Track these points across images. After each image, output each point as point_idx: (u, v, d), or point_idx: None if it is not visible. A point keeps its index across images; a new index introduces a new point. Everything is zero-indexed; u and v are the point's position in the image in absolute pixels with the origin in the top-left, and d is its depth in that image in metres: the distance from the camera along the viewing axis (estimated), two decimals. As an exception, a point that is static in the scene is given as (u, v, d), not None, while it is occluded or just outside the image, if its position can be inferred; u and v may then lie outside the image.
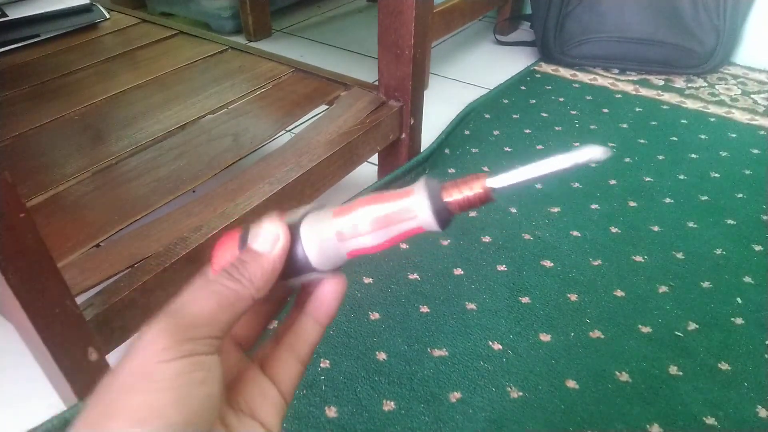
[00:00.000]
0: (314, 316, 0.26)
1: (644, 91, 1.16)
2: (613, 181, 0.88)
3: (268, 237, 0.23)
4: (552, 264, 0.72)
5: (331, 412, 0.55)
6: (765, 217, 0.81)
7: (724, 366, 0.60)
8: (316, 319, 0.26)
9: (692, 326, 0.64)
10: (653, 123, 1.05)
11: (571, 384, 0.58)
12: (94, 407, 0.18)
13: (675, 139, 1.00)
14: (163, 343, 0.19)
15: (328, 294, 0.26)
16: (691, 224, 0.80)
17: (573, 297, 0.68)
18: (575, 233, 0.77)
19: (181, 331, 0.20)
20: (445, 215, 0.23)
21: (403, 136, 0.83)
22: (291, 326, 0.26)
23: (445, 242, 0.76)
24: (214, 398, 0.20)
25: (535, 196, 0.85)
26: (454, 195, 0.23)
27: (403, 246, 0.75)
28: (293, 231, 0.23)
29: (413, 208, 0.23)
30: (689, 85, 1.18)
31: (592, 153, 0.22)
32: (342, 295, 0.26)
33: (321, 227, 0.23)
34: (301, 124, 0.83)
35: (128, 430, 0.17)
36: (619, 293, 0.68)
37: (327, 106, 0.82)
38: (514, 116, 1.06)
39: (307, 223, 0.23)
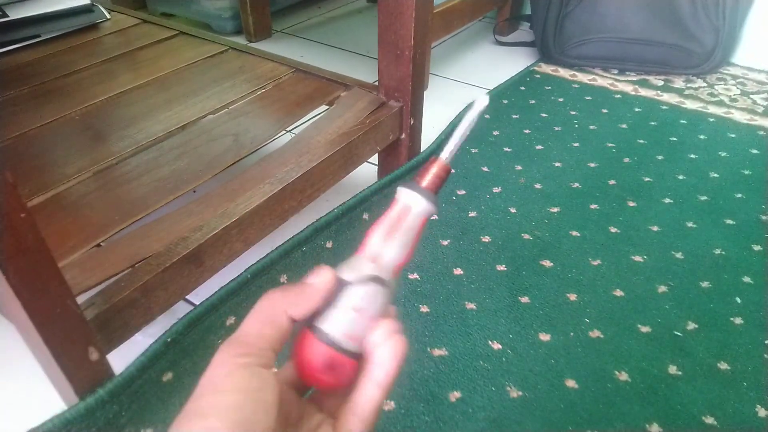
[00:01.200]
0: (374, 379, 0.26)
1: (643, 92, 1.16)
2: (612, 181, 0.89)
3: (318, 274, 0.27)
4: (551, 264, 0.72)
5: (331, 411, 0.55)
6: (764, 217, 0.81)
7: (723, 365, 0.60)
8: (376, 382, 0.26)
9: (691, 326, 0.64)
10: (652, 123, 1.05)
11: (571, 383, 0.58)
12: (182, 412, 0.23)
13: (674, 139, 1.00)
14: (223, 356, 0.23)
15: (386, 356, 0.26)
16: (690, 224, 0.80)
17: (572, 297, 0.68)
18: (575, 233, 0.77)
19: (234, 346, 0.24)
20: (430, 196, 0.28)
21: (403, 136, 0.83)
22: (356, 387, 0.27)
23: (445, 242, 0.76)
24: (269, 405, 0.23)
25: (535, 196, 0.85)
26: (426, 179, 0.28)
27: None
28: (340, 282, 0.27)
29: (407, 205, 0.28)
30: (688, 85, 1.18)
31: (480, 103, 0.29)
32: (402, 357, 0.27)
33: (353, 263, 0.27)
34: (301, 124, 0.83)
35: (194, 423, 0.21)
36: (619, 293, 0.68)
37: (327, 107, 0.82)
38: (514, 116, 1.06)
39: (342, 268, 0.27)
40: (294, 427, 0.26)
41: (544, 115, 1.07)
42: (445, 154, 0.29)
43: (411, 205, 0.28)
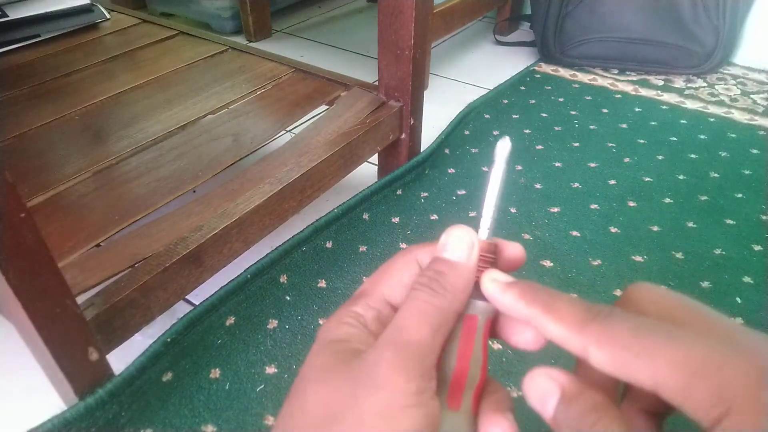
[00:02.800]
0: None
1: (644, 91, 1.16)
2: (612, 181, 0.89)
3: (462, 245, 0.22)
4: (551, 264, 0.72)
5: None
6: (765, 217, 0.81)
7: (723, 366, 0.60)
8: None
9: (692, 326, 0.64)
10: (653, 123, 1.05)
11: (571, 384, 0.58)
12: (332, 425, 0.18)
13: (674, 139, 1.00)
14: (402, 383, 0.18)
15: None
16: (690, 224, 0.80)
17: (573, 296, 0.68)
18: (575, 233, 0.77)
19: (413, 365, 0.19)
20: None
21: (403, 136, 0.83)
22: None
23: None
24: None
25: (535, 196, 0.85)
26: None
27: (403, 246, 0.75)
28: None
29: (471, 315, 0.23)
30: (689, 85, 1.18)
31: (502, 150, 0.25)
32: None
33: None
34: (301, 124, 0.83)
35: None
36: (619, 293, 0.68)
37: (327, 107, 0.82)
38: (514, 116, 1.06)
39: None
40: None
41: (544, 114, 1.07)
42: (483, 231, 0.25)
43: (476, 313, 0.23)
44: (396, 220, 0.79)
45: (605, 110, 1.09)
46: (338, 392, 0.19)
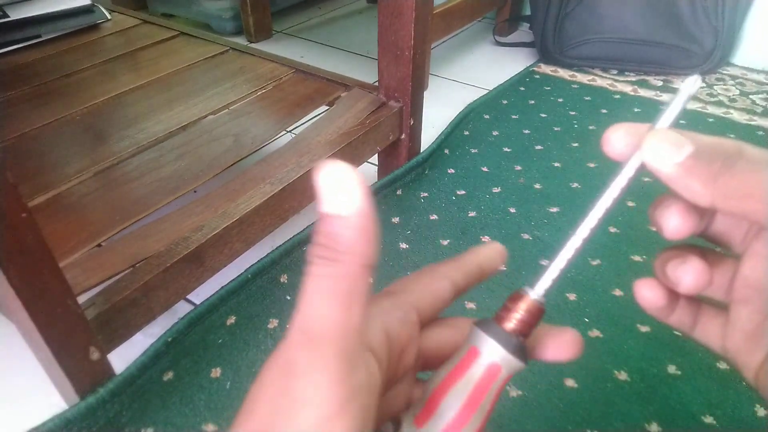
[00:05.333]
0: None
1: (643, 92, 1.16)
2: (612, 182, 0.89)
3: (343, 191, 0.19)
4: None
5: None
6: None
7: (722, 365, 0.60)
8: None
9: (691, 326, 0.65)
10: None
11: (570, 383, 0.58)
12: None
13: (674, 139, 1.00)
14: (325, 390, 0.17)
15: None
16: (689, 224, 0.80)
17: (572, 296, 0.68)
18: (574, 233, 0.78)
19: (335, 362, 0.17)
20: (520, 349, 0.22)
21: (403, 136, 0.83)
22: None
23: (445, 242, 0.76)
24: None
25: (534, 196, 0.85)
26: (513, 322, 0.22)
27: (403, 246, 0.75)
28: None
29: (496, 365, 0.21)
30: (688, 85, 1.18)
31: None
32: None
33: None
34: (301, 124, 0.84)
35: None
36: (618, 293, 0.69)
37: (327, 107, 0.83)
38: (514, 117, 1.07)
39: None
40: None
41: (543, 115, 1.07)
42: (540, 290, 0.22)
43: (502, 365, 0.21)
44: (396, 220, 0.80)
45: (604, 111, 1.09)
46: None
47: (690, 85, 0.22)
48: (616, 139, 0.21)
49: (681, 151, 0.20)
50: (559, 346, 0.23)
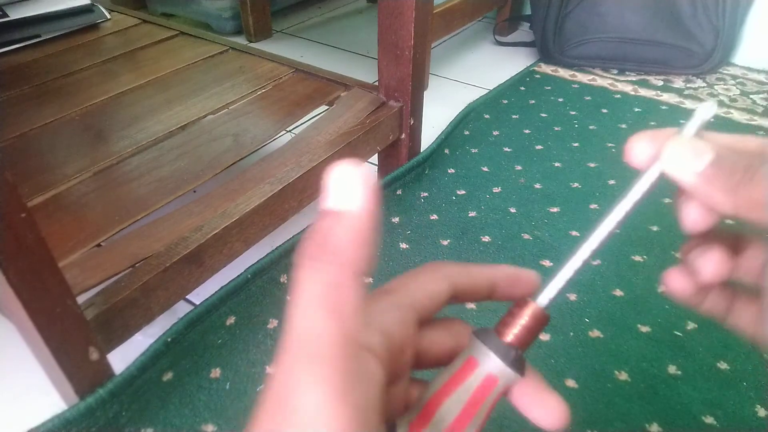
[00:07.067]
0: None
1: (643, 92, 1.16)
2: (612, 181, 0.89)
3: (349, 186, 0.17)
4: (551, 264, 0.72)
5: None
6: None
7: (723, 365, 0.60)
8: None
9: (691, 326, 0.64)
10: (652, 123, 1.05)
11: (571, 383, 0.58)
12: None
13: (674, 139, 1.00)
14: (332, 416, 0.16)
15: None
16: (690, 224, 0.80)
17: (572, 297, 0.68)
18: (574, 233, 0.77)
19: (338, 387, 0.16)
20: (519, 362, 0.21)
21: (403, 136, 0.83)
22: None
23: (445, 242, 0.76)
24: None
25: (535, 196, 0.85)
26: (514, 332, 0.22)
27: (403, 246, 0.75)
28: None
29: (493, 376, 0.21)
30: (688, 85, 1.18)
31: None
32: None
33: None
34: (301, 124, 0.83)
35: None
36: (618, 293, 0.69)
37: (327, 107, 0.82)
38: (514, 116, 1.06)
39: None
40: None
41: (543, 115, 1.07)
42: (547, 297, 0.22)
43: (498, 377, 0.21)
44: (396, 220, 0.80)
45: (605, 110, 1.09)
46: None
47: (705, 110, 0.22)
48: (640, 149, 0.21)
49: (701, 160, 0.19)
50: (546, 413, 0.23)
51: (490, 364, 0.21)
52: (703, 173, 0.19)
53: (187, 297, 0.68)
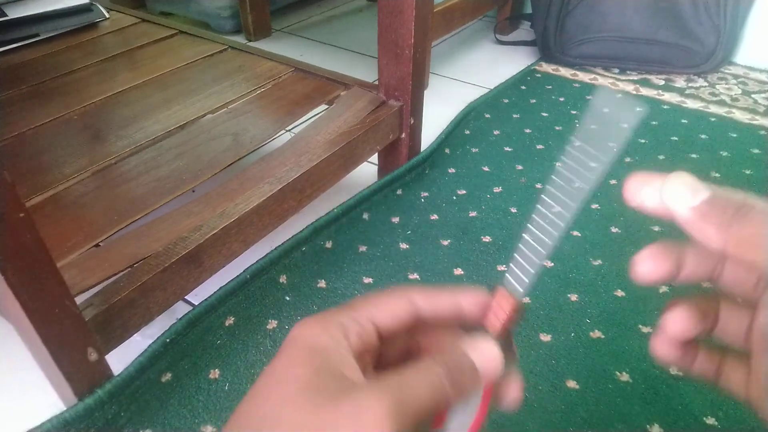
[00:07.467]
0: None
1: (644, 91, 1.16)
2: (613, 181, 0.88)
3: (494, 364, 0.22)
4: (552, 264, 0.72)
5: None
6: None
7: (724, 366, 0.60)
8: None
9: (693, 326, 0.64)
10: (654, 123, 1.05)
11: (572, 384, 0.58)
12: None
13: (675, 138, 1.00)
14: (383, 413, 0.19)
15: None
16: (691, 224, 0.79)
17: (573, 297, 0.68)
18: (575, 233, 0.77)
19: (402, 420, 0.19)
20: (513, 354, 0.23)
21: (403, 135, 0.83)
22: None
23: (445, 242, 0.75)
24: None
25: (536, 196, 0.85)
26: (495, 325, 0.23)
27: (403, 246, 0.75)
28: None
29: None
30: (690, 84, 1.18)
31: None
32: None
33: None
34: (300, 123, 0.83)
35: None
36: (620, 293, 0.68)
37: (327, 106, 0.82)
38: (515, 116, 1.06)
39: None
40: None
41: (544, 114, 1.07)
42: (519, 289, 0.24)
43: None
44: (396, 220, 0.79)
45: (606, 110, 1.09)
46: (318, 428, 0.19)
47: (634, 112, 0.23)
48: (639, 189, 0.23)
49: (697, 196, 0.21)
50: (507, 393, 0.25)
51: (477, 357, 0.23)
52: (698, 208, 0.20)
53: (185, 297, 0.67)
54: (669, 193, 0.21)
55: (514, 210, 0.82)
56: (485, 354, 0.23)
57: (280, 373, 0.21)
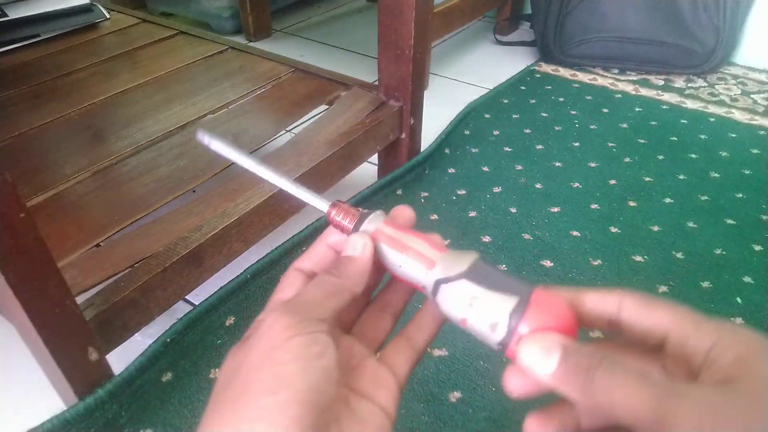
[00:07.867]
0: (432, 313, 0.31)
1: (644, 91, 1.16)
2: (612, 181, 0.88)
3: (357, 245, 0.27)
4: (552, 264, 0.72)
5: (331, 411, 0.54)
6: (765, 217, 0.81)
7: (723, 366, 0.60)
8: (433, 316, 0.31)
9: (692, 326, 0.64)
10: (653, 123, 1.05)
11: (571, 384, 0.58)
12: (228, 387, 0.22)
13: (675, 138, 1.00)
14: (284, 323, 0.22)
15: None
16: (690, 224, 0.80)
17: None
18: (575, 233, 0.77)
19: (296, 313, 0.23)
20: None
21: (403, 135, 0.83)
22: (411, 320, 0.30)
23: (446, 242, 0.76)
24: (332, 371, 0.22)
25: (535, 196, 0.85)
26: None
27: (403, 246, 0.75)
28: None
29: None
30: (689, 85, 1.18)
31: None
32: None
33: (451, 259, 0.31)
34: (301, 124, 0.83)
35: (262, 400, 0.20)
36: (619, 293, 0.68)
37: (327, 106, 0.82)
38: (514, 116, 1.06)
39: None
40: (355, 376, 0.27)
41: (544, 114, 1.07)
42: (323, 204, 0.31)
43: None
44: (396, 219, 0.79)
45: (605, 110, 1.09)
46: (235, 357, 0.23)
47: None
48: (513, 383, 0.24)
49: (549, 361, 0.21)
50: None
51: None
52: (555, 374, 0.21)
53: (186, 297, 0.67)
54: (525, 360, 0.22)
55: (513, 210, 0.82)
56: (347, 244, 0.27)
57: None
